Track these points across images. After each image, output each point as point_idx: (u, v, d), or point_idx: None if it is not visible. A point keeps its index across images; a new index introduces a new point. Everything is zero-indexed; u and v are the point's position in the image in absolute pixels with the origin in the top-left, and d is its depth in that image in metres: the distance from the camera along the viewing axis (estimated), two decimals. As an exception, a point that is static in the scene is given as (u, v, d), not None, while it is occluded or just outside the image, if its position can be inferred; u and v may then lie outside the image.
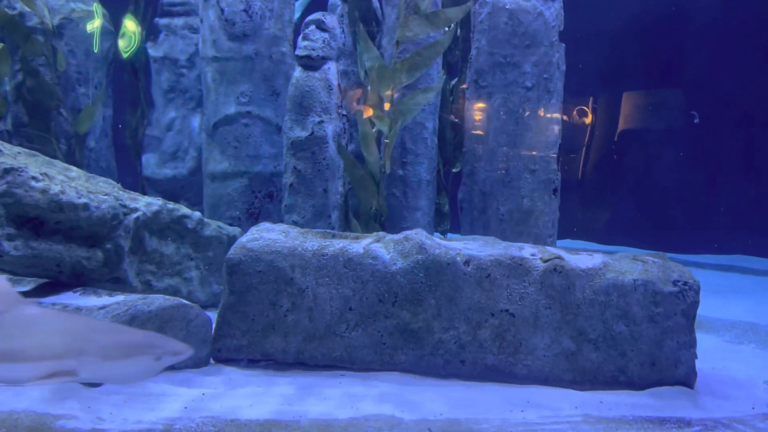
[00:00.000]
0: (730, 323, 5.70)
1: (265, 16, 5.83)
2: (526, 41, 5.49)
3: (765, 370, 4.49)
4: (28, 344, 2.51)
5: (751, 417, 3.66)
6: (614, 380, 3.99)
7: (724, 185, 9.33)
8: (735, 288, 7.30)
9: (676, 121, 9.82)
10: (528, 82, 5.60)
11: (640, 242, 8.89)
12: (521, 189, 5.83)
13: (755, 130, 9.40)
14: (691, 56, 9.47)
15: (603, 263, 4.11)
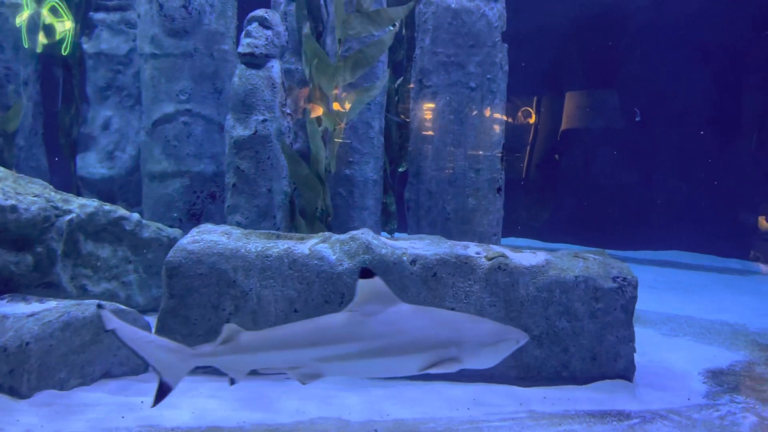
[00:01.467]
0: (666, 317, 5.89)
1: (205, 11, 5.68)
2: (470, 41, 5.53)
3: (700, 361, 4.65)
4: (414, 337, 2.83)
5: (686, 408, 3.78)
6: (557, 375, 4.06)
7: (660, 184, 9.67)
8: (671, 283, 7.57)
9: (615, 122, 10.13)
10: (472, 82, 5.64)
11: (581, 240, 9.12)
12: (466, 188, 5.87)
13: (689, 131, 9.78)
14: (628, 58, 9.78)
15: (546, 261, 4.17)
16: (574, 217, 9.57)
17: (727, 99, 9.64)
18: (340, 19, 4.78)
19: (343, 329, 2.87)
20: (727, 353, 4.87)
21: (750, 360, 4.74)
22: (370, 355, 2.84)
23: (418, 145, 5.89)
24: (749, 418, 3.67)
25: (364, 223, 5.70)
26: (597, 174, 9.72)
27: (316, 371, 2.89)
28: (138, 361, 3.81)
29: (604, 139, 10.17)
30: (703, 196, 9.31)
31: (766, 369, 4.56)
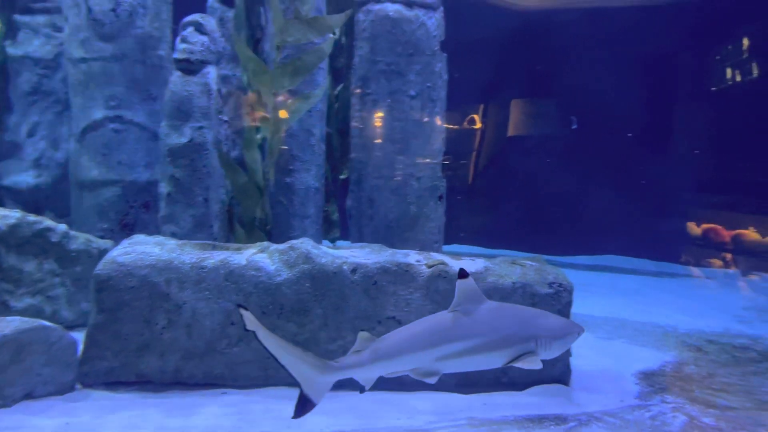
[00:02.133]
0: (602, 320, 6.05)
1: (138, 13, 5.50)
2: (410, 50, 5.56)
3: (633, 363, 4.78)
4: (505, 334, 3.11)
5: (620, 409, 3.88)
6: (497, 382, 4.09)
7: (596, 191, 9.95)
8: (606, 287, 7.79)
9: (553, 131, 10.39)
10: (412, 90, 5.67)
11: (522, 246, 9.28)
12: (408, 196, 5.88)
13: (623, 140, 10.14)
14: (565, 68, 10.04)
15: (484, 267, 4.21)
16: (514, 224, 9.75)
17: (658, 109, 10.04)
18: (278, 25, 4.72)
19: (453, 329, 3.11)
20: (658, 354, 5.03)
21: (679, 360, 4.90)
22: (475, 352, 3.11)
23: (360, 152, 5.87)
24: (679, 417, 3.79)
25: (305, 232, 5.64)
26: (536, 181, 9.94)
27: (436, 370, 3.10)
28: (64, 380, 3.64)
29: (542, 147, 10.41)
30: (636, 203, 9.63)
31: (694, 369, 4.73)
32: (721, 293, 7.78)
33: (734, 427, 3.68)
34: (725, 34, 10.17)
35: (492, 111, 10.83)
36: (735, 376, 4.60)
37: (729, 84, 10.35)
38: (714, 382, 4.44)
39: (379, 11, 5.58)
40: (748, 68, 10.11)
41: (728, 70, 10.33)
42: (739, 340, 5.54)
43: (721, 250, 9.81)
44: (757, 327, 6.05)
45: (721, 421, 3.76)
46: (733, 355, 5.11)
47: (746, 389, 4.34)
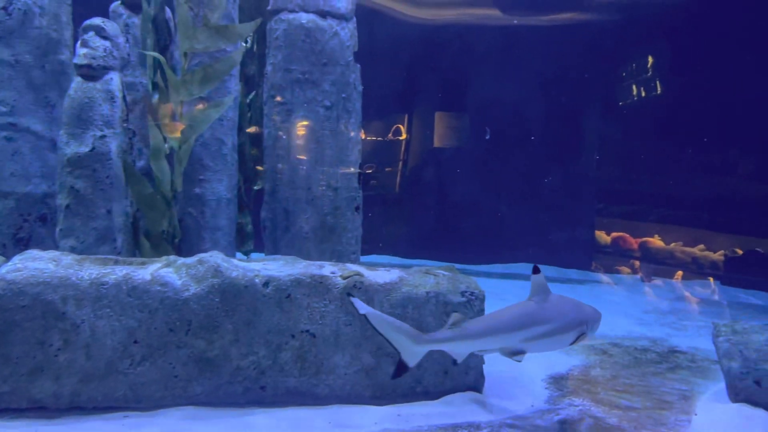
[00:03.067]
0: (514, 327, 6.19)
1: (33, 13, 5.17)
2: (324, 59, 5.53)
3: (543, 368, 4.92)
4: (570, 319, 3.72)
5: (531, 414, 3.97)
6: (412, 392, 4.10)
7: (509, 201, 10.27)
8: (519, 294, 7.96)
9: (467, 142, 10.65)
10: (327, 100, 5.63)
11: (438, 256, 9.42)
12: (324, 207, 5.82)
13: (534, 151, 10.55)
14: (480, 81, 10.32)
15: (399, 278, 4.22)
16: (431, 234, 9.89)
17: (568, 124, 10.51)
18: (185, 32, 4.57)
19: (534, 315, 3.69)
20: (566, 358, 5.20)
21: (586, 364, 5.10)
22: (552, 334, 3.67)
23: (274, 162, 5.76)
24: (586, 420, 3.93)
25: (216, 245, 5.46)
26: (451, 192, 10.12)
27: (521, 349, 3.63)
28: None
29: (456, 158, 10.65)
30: (548, 213, 9.99)
31: (600, 372, 4.92)
32: (625, 298, 8.17)
33: (636, 426, 3.86)
34: (630, 53, 10.80)
35: (406, 123, 10.98)
36: (636, 377, 4.83)
37: (634, 99, 10.99)
38: (618, 384, 4.64)
39: (293, 20, 5.52)
40: (652, 85, 10.77)
41: (633, 86, 10.96)
42: (640, 343, 5.82)
43: (629, 257, 10.36)
44: (656, 330, 6.39)
45: (624, 421, 3.93)
46: (635, 356, 5.37)
47: (647, 389, 4.56)
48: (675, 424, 3.92)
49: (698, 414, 4.09)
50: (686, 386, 4.65)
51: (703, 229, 10.25)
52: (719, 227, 10.07)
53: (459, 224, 9.96)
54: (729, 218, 9.94)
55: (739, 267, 9.52)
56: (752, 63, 9.08)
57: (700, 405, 4.26)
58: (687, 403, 4.30)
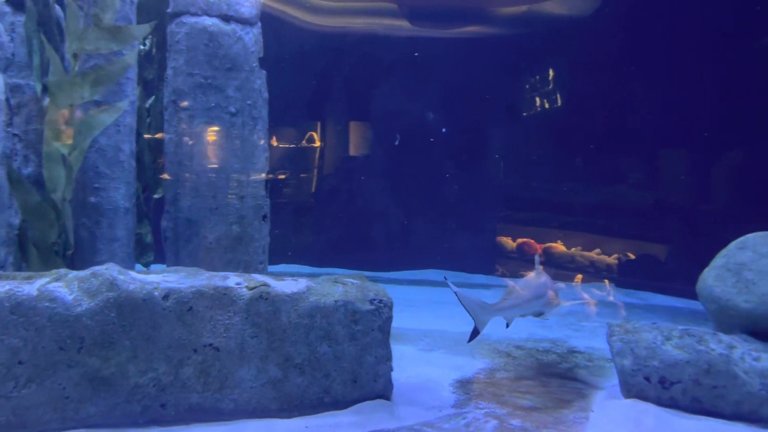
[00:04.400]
0: (424, 332, 6.28)
1: None
2: (227, 64, 5.39)
3: (451, 372, 5.01)
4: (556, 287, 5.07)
5: (438, 419, 4.02)
6: (320, 402, 4.04)
7: (418, 208, 10.43)
8: (427, 300, 8.13)
9: (377, 151, 10.73)
10: (232, 107, 5.50)
11: (349, 264, 9.40)
12: (230, 215, 5.67)
13: (439, 160, 10.79)
14: (388, 91, 10.43)
15: (307, 287, 4.16)
16: (341, 242, 9.87)
17: (475, 134, 10.83)
18: (73, 32, 4.31)
19: (544, 286, 4.94)
20: (473, 362, 5.32)
21: (492, 367, 5.23)
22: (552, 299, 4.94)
23: (176, 170, 5.55)
24: (491, 422, 4.02)
25: (113, 257, 5.18)
26: (361, 199, 10.16)
27: (542, 311, 4.89)
28: None
29: (366, 166, 10.70)
30: (455, 220, 10.22)
31: (504, 374, 5.06)
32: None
33: (538, 426, 3.99)
34: (532, 65, 11.28)
35: (318, 131, 10.94)
36: (538, 378, 5.00)
37: (537, 111, 11.47)
38: (521, 385, 4.79)
39: (196, 24, 5.35)
40: (552, 97, 11.28)
41: (536, 98, 11.44)
42: (542, 344, 6.05)
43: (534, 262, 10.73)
44: (556, 331, 6.67)
45: (527, 421, 4.05)
46: (537, 358, 5.56)
47: (548, 390, 4.73)
48: (574, 422, 4.08)
49: (595, 411, 4.28)
50: (583, 384, 4.86)
51: (599, 234, 10.83)
52: (613, 232, 10.67)
53: (368, 232, 10.01)
54: (622, 224, 10.56)
55: (632, 269, 10.12)
56: (640, 77, 9.73)
57: (597, 402, 4.46)
58: (585, 400, 4.49)
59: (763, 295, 4.19)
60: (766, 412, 4.03)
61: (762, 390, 4.01)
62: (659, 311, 8.21)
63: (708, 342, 4.26)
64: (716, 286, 4.43)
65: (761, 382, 4.02)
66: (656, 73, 9.59)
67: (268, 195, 5.86)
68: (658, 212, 10.06)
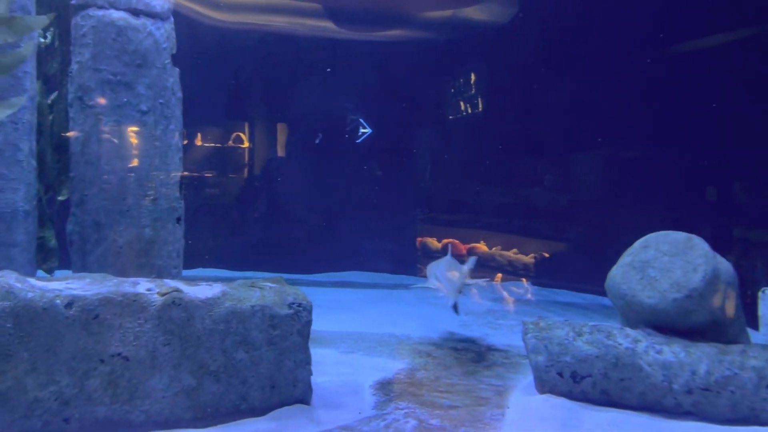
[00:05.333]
0: (345, 334, 6.24)
1: None
2: (138, 60, 5.16)
3: (371, 374, 5.00)
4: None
5: (358, 422, 4.00)
6: (236, 410, 3.93)
7: (340, 209, 10.38)
8: (350, 302, 8.10)
9: (298, 152, 10.62)
10: (143, 105, 5.27)
11: (270, 267, 9.22)
12: (142, 218, 5.44)
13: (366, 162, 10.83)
14: (312, 92, 10.33)
15: (222, 292, 4.05)
16: (260, 245, 9.67)
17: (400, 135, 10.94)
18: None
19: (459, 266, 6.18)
20: (393, 363, 5.33)
21: (412, 367, 5.26)
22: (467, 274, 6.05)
23: (82, 170, 5.26)
24: (410, 422, 4.04)
25: (12, 263, 4.85)
26: (283, 201, 10.00)
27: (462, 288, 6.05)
28: None
29: (288, 167, 10.57)
30: (380, 221, 10.23)
31: (424, 374, 5.10)
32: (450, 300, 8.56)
33: (456, 425, 4.04)
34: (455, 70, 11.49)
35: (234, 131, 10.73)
36: (457, 376, 5.08)
37: (460, 114, 11.70)
38: (440, 385, 4.84)
39: (103, 17, 5.09)
40: (474, 102, 11.52)
41: (459, 102, 11.66)
42: (461, 343, 6.15)
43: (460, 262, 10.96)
44: (475, 330, 6.80)
45: (445, 421, 4.10)
46: (456, 357, 5.65)
47: (467, 388, 4.81)
48: (491, 419, 4.16)
49: (510, 407, 4.38)
50: (501, 382, 4.97)
51: (517, 235, 11.17)
52: (530, 233, 11.03)
53: (290, 234, 9.86)
54: (538, 224, 10.94)
55: (547, 268, 10.48)
56: (554, 83, 10.10)
57: (513, 398, 4.57)
58: (501, 397, 4.59)
59: (665, 291, 4.42)
60: (668, 402, 4.25)
61: (664, 381, 4.23)
62: (573, 308, 8.54)
63: (616, 337, 4.45)
64: (623, 283, 4.64)
65: (663, 373, 4.24)
66: (568, 78, 9.98)
67: (182, 197, 5.66)
68: (571, 213, 10.48)
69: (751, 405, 4.09)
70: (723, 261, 4.62)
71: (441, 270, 6.40)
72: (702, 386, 4.16)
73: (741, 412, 4.12)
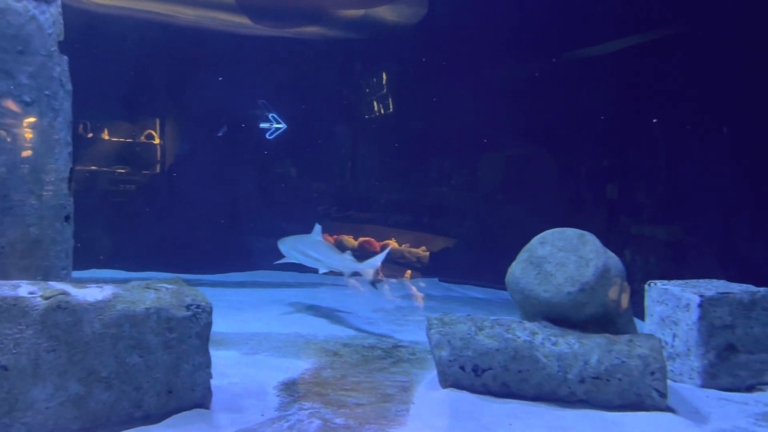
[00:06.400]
0: (249, 335, 6.09)
1: None
2: (18, 46, 4.76)
3: (276, 375, 4.90)
4: None
5: (260, 424, 3.90)
6: (130, 418, 3.73)
7: (246, 208, 10.15)
8: (255, 302, 7.93)
9: (201, 149, 10.27)
10: (26, 96, 4.89)
11: (172, 267, 8.85)
12: (26, 216, 5.05)
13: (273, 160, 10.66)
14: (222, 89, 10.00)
15: (113, 294, 3.83)
16: (161, 244, 9.26)
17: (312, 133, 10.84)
18: None
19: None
20: (299, 363, 5.26)
21: (317, 366, 5.21)
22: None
23: (-45, 166, 4.82)
24: (315, 422, 3.98)
25: None
26: (185, 199, 9.62)
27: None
28: None
29: (189, 163, 10.22)
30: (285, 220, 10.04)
31: (330, 372, 5.06)
32: (359, 299, 8.59)
33: (361, 423, 4.02)
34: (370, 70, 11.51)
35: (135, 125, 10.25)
36: (363, 374, 5.07)
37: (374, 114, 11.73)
38: (346, 383, 4.81)
39: (-20, -2, 4.68)
40: (387, 102, 11.59)
41: (373, 101, 11.70)
42: (368, 341, 6.16)
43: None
44: (382, 327, 6.83)
45: (350, 419, 4.07)
46: (363, 355, 5.64)
47: (373, 385, 4.81)
48: (395, 415, 4.18)
49: (415, 403, 4.43)
50: (406, 378, 5.01)
51: (425, 232, 11.37)
52: (437, 230, 11.26)
53: (193, 233, 9.50)
54: (445, 222, 11.18)
55: (454, 264, 10.72)
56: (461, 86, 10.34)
57: (417, 394, 4.62)
58: (406, 393, 4.63)
59: (560, 285, 4.61)
60: (563, 391, 4.43)
61: (559, 372, 4.41)
62: (478, 303, 8.77)
63: (515, 330, 4.60)
64: (521, 278, 4.80)
65: (559, 364, 4.42)
66: (473, 80, 10.24)
67: (71, 194, 5.31)
68: (477, 211, 10.78)
69: (638, 391, 4.34)
70: (613, 256, 4.87)
71: (306, 246, 7.24)
72: (593, 375, 4.37)
73: (629, 398, 4.36)
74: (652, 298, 5.46)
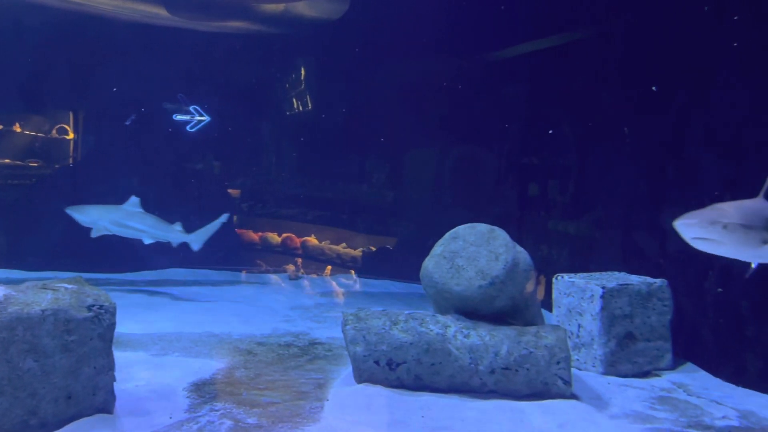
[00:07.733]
0: (158, 336, 5.88)
1: None
2: None
3: (186, 376, 4.75)
4: None
5: (168, 427, 3.77)
6: (25, 426, 3.52)
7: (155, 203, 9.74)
8: (166, 301, 7.66)
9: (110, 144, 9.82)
10: None
11: (77, 267, 8.35)
12: None
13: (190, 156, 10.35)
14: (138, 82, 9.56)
15: (4, 296, 3.60)
16: (65, 242, 8.75)
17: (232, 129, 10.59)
18: None
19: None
20: (211, 363, 5.12)
21: (230, 366, 5.09)
22: None
23: None
24: (226, 423, 3.89)
25: None
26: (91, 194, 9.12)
27: None
28: None
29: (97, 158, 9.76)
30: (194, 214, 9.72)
31: (244, 372, 4.96)
32: (278, 296, 8.45)
33: (274, 421, 3.97)
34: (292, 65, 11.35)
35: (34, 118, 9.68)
36: (278, 372, 5.01)
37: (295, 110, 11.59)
38: (260, 382, 4.73)
39: None
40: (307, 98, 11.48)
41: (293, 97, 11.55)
42: (284, 339, 6.08)
43: (295, 256, 10.98)
44: (300, 324, 6.76)
45: (263, 418, 4.01)
46: (278, 353, 5.57)
47: (287, 383, 4.75)
48: (310, 412, 4.15)
49: (330, 399, 4.41)
50: (322, 375, 4.99)
51: (346, 229, 11.37)
52: (357, 227, 11.29)
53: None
54: (365, 219, 11.23)
55: (373, 260, 10.78)
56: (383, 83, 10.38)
57: (333, 390, 4.60)
58: (321, 390, 4.61)
59: (470, 279, 4.71)
60: (475, 382, 4.54)
61: (471, 363, 4.51)
62: (396, 297, 8.84)
63: (428, 323, 4.66)
64: (434, 272, 4.87)
65: (470, 356, 4.52)
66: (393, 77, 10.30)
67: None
68: (394, 209, 10.88)
69: (544, 380, 4.51)
70: (522, 250, 5.03)
71: (122, 217, 7.36)
72: (503, 366, 4.50)
73: (536, 387, 4.52)
74: (560, 291, 5.69)
